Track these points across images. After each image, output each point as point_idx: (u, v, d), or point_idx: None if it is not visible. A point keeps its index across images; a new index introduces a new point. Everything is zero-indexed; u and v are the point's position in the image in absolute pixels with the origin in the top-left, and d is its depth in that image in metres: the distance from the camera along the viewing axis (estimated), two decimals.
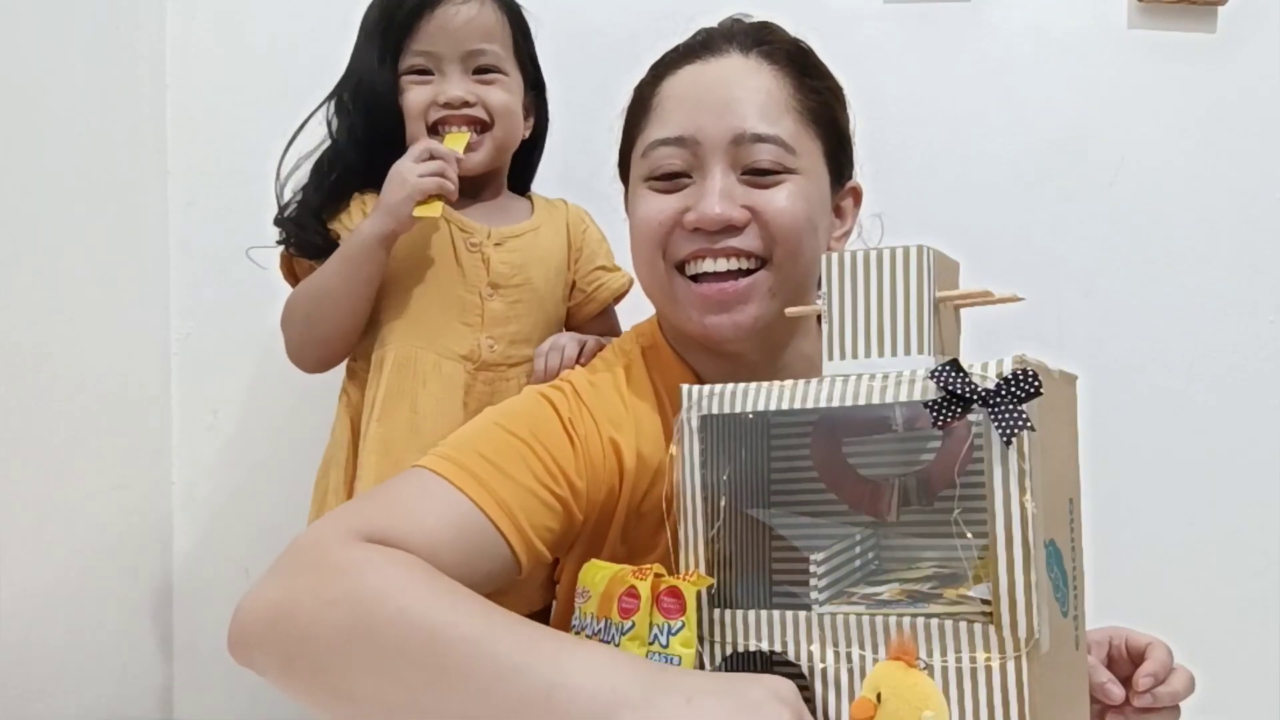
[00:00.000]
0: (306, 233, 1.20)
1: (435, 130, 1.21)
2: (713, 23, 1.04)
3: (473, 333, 1.19)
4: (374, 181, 1.19)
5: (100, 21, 1.35)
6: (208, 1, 1.51)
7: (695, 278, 0.97)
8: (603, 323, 1.32)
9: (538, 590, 1.11)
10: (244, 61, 1.51)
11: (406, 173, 1.14)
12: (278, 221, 1.22)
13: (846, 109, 1.06)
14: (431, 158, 1.15)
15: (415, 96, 1.20)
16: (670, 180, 0.98)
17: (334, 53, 1.26)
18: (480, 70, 1.21)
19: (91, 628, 1.29)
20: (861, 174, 1.12)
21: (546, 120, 1.32)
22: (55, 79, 1.25)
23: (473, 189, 1.24)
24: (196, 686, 1.48)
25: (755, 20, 1.04)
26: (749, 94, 0.96)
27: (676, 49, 1.03)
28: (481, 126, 1.22)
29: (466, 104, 1.20)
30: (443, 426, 1.13)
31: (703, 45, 1.01)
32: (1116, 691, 0.90)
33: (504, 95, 1.22)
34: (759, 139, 0.95)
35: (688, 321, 0.99)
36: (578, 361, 1.14)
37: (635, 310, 1.30)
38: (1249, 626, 1.49)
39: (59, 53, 1.26)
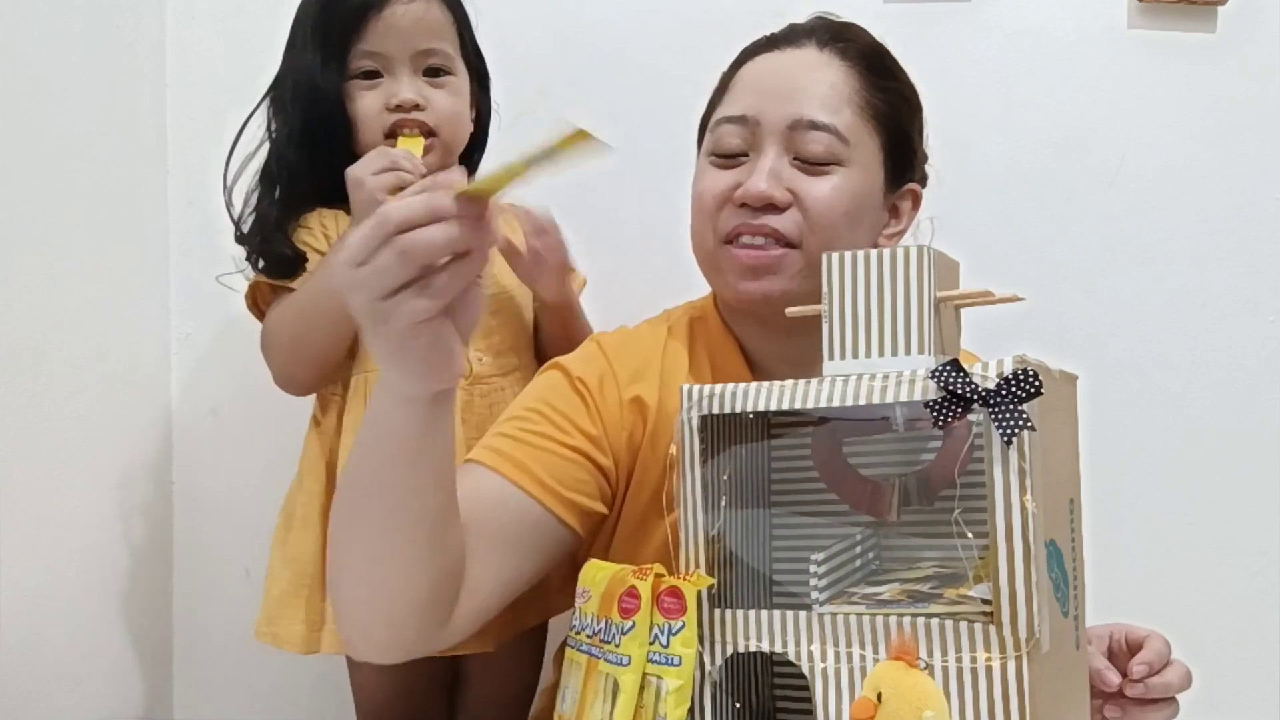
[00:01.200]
0: (275, 246, 1.15)
1: (389, 136, 1.17)
2: (800, 19, 1.08)
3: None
4: (323, 190, 1.16)
5: (100, 21, 1.35)
6: (208, 1, 1.51)
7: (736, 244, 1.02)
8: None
9: (556, 596, 1.11)
10: (244, 61, 1.50)
11: (361, 174, 1.10)
12: (240, 239, 1.19)
13: (918, 115, 1.10)
14: (390, 166, 1.10)
15: (367, 104, 1.16)
16: (729, 158, 1.02)
17: None
18: (429, 71, 1.18)
19: (91, 628, 1.29)
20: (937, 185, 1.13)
21: (489, 113, 1.29)
22: (55, 79, 1.25)
23: None
24: (196, 686, 1.48)
25: (840, 20, 1.09)
26: (813, 84, 1.01)
27: (762, 38, 1.08)
28: (430, 131, 1.18)
29: (418, 107, 1.16)
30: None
31: (785, 37, 1.06)
32: (1113, 677, 0.91)
33: (452, 100, 1.19)
34: (814, 126, 0.99)
35: (725, 288, 1.03)
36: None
37: (613, 305, 1.30)
38: (1249, 626, 1.49)
39: (59, 52, 1.26)
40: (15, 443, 1.15)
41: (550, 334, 1.26)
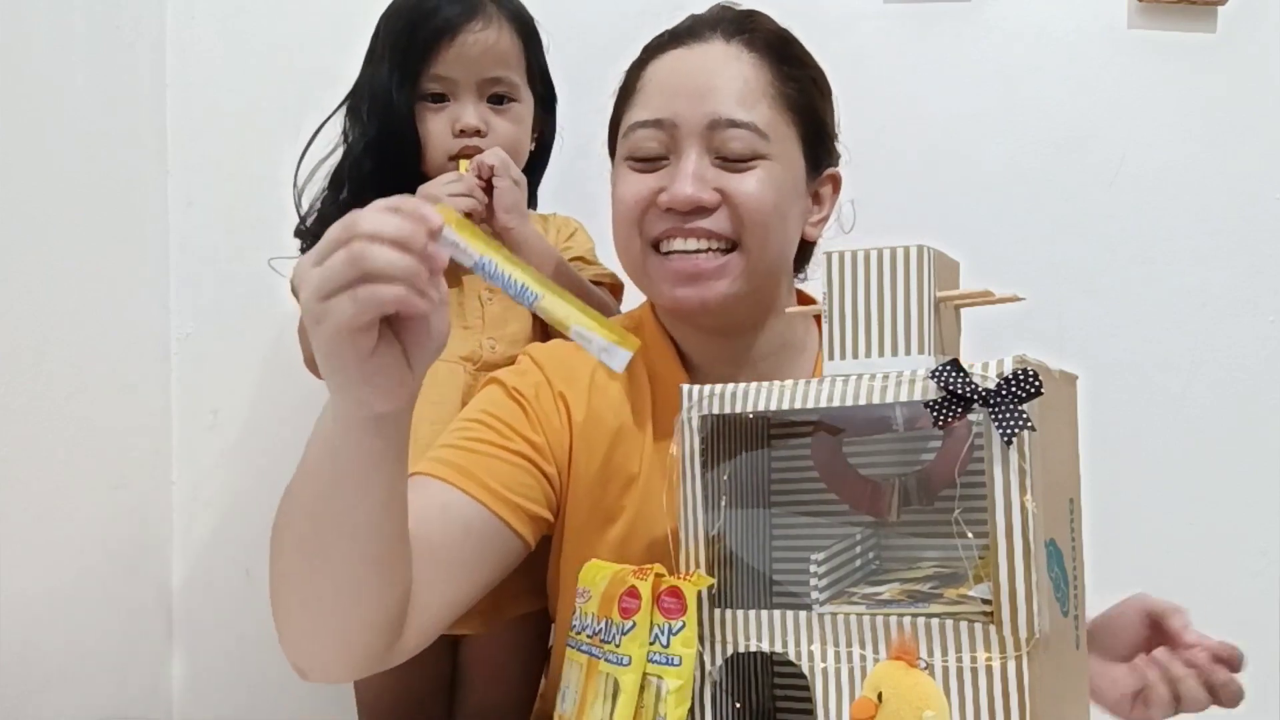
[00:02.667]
0: None
1: (453, 159, 1.21)
2: (701, 9, 1.06)
3: (473, 335, 1.19)
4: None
5: (100, 21, 1.35)
6: (208, 1, 1.51)
7: (668, 254, 1.00)
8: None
9: (518, 596, 1.11)
10: (244, 61, 1.51)
11: (438, 192, 1.15)
12: (299, 233, 1.22)
13: (828, 98, 1.08)
14: (467, 191, 1.16)
15: (434, 126, 1.20)
16: (648, 162, 1.00)
17: (334, 53, 1.26)
18: (494, 98, 1.22)
19: (91, 628, 1.29)
20: (858, 171, 1.13)
21: (553, 135, 1.32)
22: (56, 79, 1.25)
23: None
24: (196, 686, 1.48)
25: (741, 9, 1.06)
26: (726, 81, 0.99)
27: (664, 34, 1.05)
28: None
29: (479, 133, 1.20)
30: (438, 429, 1.14)
31: (688, 31, 1.03)
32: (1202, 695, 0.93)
33: (513, 128, 1.23)
34: (733, 124, 0.97)
35: (659, 295, 1.02)
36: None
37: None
38: (1249, 626, 1.48)
39: (59, 53, 1.26)
40: (15, 443, 1.15)
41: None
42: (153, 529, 1.45)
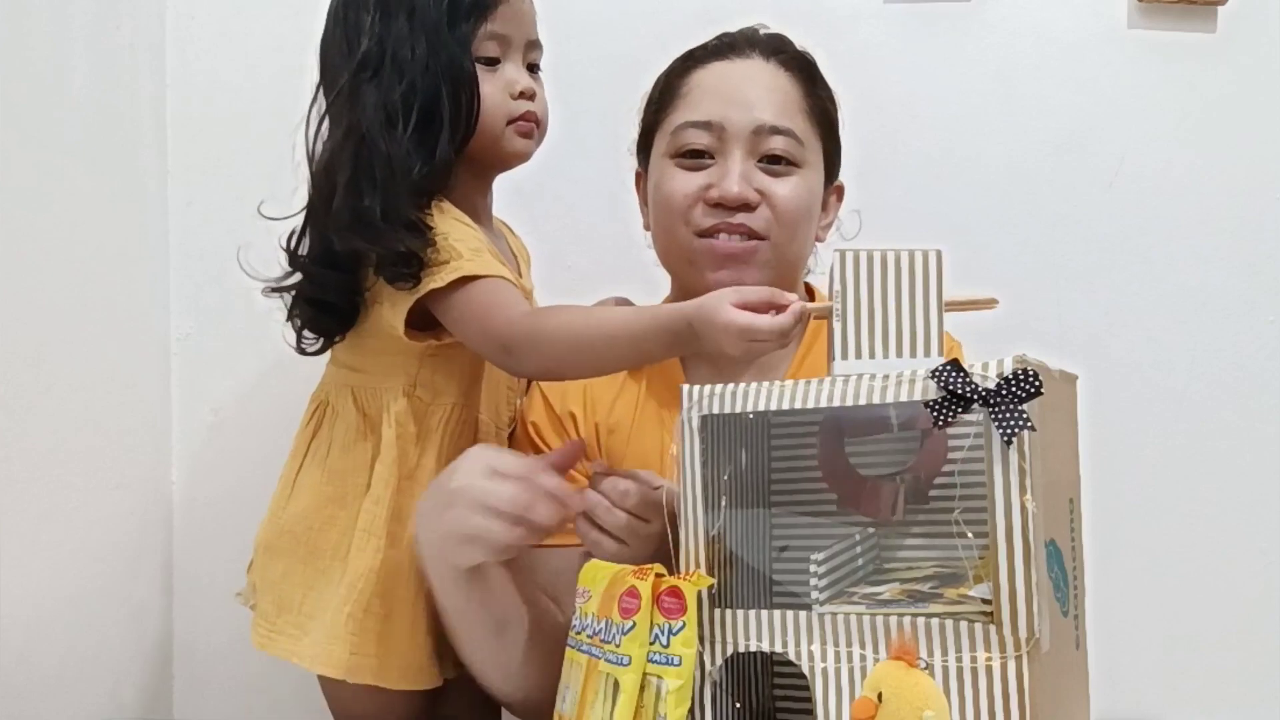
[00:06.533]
0: (403, 232, 1.01)
1: (510, 123, 1.11)
2: (734, 28, 1.17)
3: (514, 395, 1.21)
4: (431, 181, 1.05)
5: (100, 21, 1.35)
6: (208, 1, 1.51)
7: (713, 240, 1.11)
8: None
9: None
10: (244, 61, 1.51)
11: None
12: (306, 262, 1.09)
13: (838, 116, 1.19)
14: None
15: (490, 90, 1.08)
16: (695, 159, 1.11)
17: None
18: (531, 66, 1.14)
19: (91, 628, 1.29)
20: (857, 171, 1.19)
21: None
22: (55, 78, 1.25)
23: (490, 197, 1.18)
24: (196, 686, 1.48)
25: (772, 31, 1.18)
26: (769, 93, 1.11)
27: (705, 46, 1.16)
28: (538, 121, 1.13)
29: (534, 96, 1.12)
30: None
31: (730, 46, 1.15)
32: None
33: (544, 95, 1.15)
34: (776, 131, 1.09)
35: (698, 280, 1.10)
36: None
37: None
38: (1249, 627, 1.49)
39: (59, 53, 1.26)
40: (15, 443, 1.15)
41: None
42: (153, 529, 1.45)
